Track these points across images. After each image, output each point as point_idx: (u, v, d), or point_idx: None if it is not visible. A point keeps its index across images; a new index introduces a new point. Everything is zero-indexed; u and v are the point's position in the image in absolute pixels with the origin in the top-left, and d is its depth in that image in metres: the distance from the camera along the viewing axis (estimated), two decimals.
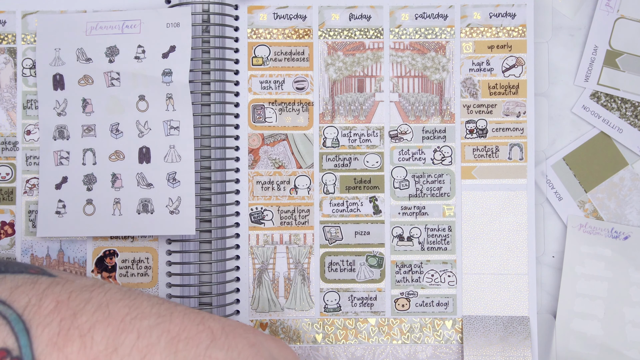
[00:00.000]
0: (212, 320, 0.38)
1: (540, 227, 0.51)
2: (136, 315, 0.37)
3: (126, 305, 0.37)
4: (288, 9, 0.51)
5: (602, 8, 0.51)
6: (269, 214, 0.50)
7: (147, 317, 0.37)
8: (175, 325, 0.37)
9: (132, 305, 0.37)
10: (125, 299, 0.38)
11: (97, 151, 0.49)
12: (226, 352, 0.37)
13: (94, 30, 0.49)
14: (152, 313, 0.37)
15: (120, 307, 0.37)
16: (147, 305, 0.38)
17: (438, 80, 0.51)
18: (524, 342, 0.49)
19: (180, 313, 0.38)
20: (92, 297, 0.37)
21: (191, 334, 0.37)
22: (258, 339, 0.39)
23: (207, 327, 0.38)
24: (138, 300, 0.38)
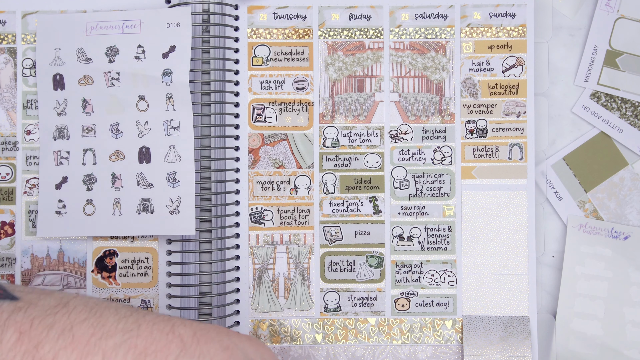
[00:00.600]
0: (182, 327, 0.38)
1: (540, 227, 0.51)
2: (101, 335, 0.36)
3: (91, 325, 0.36)
4: (288, 9, 0.51)
5: (602, 8, 0.51)
6: (269, 214, 0.50)
7: (112, 335, 0.36)
8: (143, 339, 0.36)
9: (98, 324, 0.37)
10: (91, 318, 0.37)
11: (97, 151, 0.49)
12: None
13: (94, 30, 0.49)
14: (118, 329, 0.37)
15: (84, 328, 0.36)
16: (114, 321, 0.37)
17: (438, 80, 0.51)
18: (524, 342, 0.49)
19: (148, 324, 0.37)
20: (55, 322, 0.36)
21: (159, 346, 0.36)
22: (232, 340, 0.39)
23: (177, 335, 0.37)
24: (104, 316, 0.37)
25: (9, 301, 0.37)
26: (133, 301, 0.50)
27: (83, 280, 0.50)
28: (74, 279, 0.50)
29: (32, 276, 0.50)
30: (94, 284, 0.50)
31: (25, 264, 0.50)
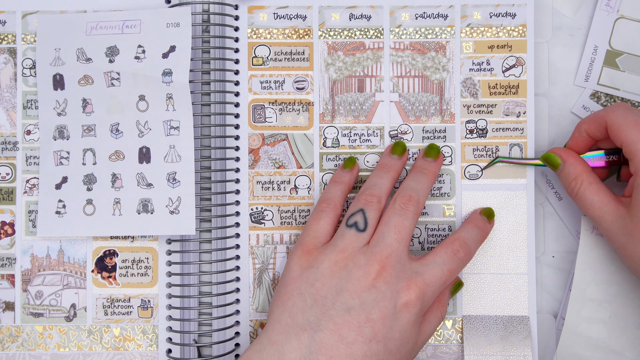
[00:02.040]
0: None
1: (540, 227, 0.51)
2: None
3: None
4: (288, 9, 0.51)
5: (602, 8, 0.51)
6: (269, 214, 0.50)
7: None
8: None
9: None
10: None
11: (97, 151, 0.49)
12: None
13: (94, 30, 0.49)
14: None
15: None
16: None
17: (438, 80, 0.51)
18: (524, 342, 0.49)
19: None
20: None
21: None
22: None
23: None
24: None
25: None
26: (133, 301, 0.50)
27: (83, 280, 0.50)
28: (74, 279, 0.50)
29: (32, 276, 0.50)
30: (94, 284, 0.50)
31: (25, 264, 0.50)
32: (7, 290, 0.50)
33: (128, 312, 0.50)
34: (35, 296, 0.50)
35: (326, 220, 0.46)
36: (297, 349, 0.41)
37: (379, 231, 0.44)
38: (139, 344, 0.50)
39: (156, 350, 0.50)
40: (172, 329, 0.50)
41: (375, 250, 0.43)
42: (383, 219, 0.45)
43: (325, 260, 0.43)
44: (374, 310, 0.41)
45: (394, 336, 0.42)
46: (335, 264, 0.43)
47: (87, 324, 0.50)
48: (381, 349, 0.41)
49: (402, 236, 0.44)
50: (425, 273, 0.43)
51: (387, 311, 0.42)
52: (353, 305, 0.41)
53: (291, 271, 0.44)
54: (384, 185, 0.46)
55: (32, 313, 0.50)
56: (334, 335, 0.41)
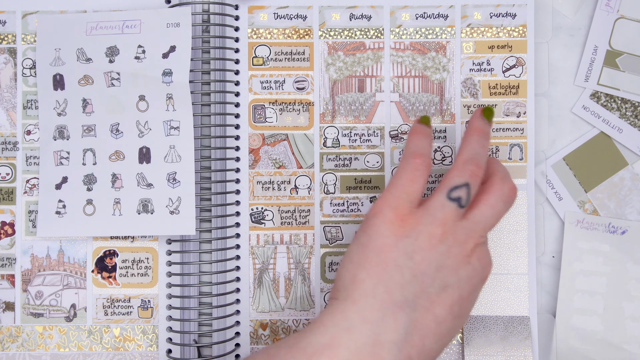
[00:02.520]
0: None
1: (540, 227, 0.51)
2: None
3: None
4: (288, 9, 0.51)
5: (602, 8, 0.51)
6: (270, 214, 0.50)
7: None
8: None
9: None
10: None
11: (97, 151, 0.49)
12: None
13: (94, 30, 0.49)
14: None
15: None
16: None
17: (438, 80, 0.51)
18: (525, 342, 0.49)
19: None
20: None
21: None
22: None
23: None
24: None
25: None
26: (133, 301, 0.50)
27: (83, 280, 0.50)
28: (74, 279, 0.50)
29: (32, 276, 0.50)
30: (94, 284, 0.50)
31: (25, 264, 0.50)
32: (7, 290, 0.50)
33: (128, 312, 0.50)
34: (35, 296, 0.50)
35: (422, 181, 0.42)
36: (395, 330, 0.39)
37: (482, 211, 0.42)
38: (139, 344, 0.50)
39: (156, 350, 0.50)
40: (172, 329, 0.50)
41: (474, 227, 0.41)
42: (488, 199, 0.42)
43: (424, 231, 0.40)
44: (466, 287, 0.41)
45: (470, 309, 0.42)
46: (434, 237, 0.40)
47: (87, 324, 0.50)
48: (461, 324, 0.41)
49: (498, 219, 0.42)
50: (488, 224, 0.42)
51: (475, 287, 0.41)
52: (450, 283, 0.40)
53: (383, 237, 0.40)
54: (485, 154, 0.43)
55: (32, 313, 0.50)
56: (429, 314, 0.39)
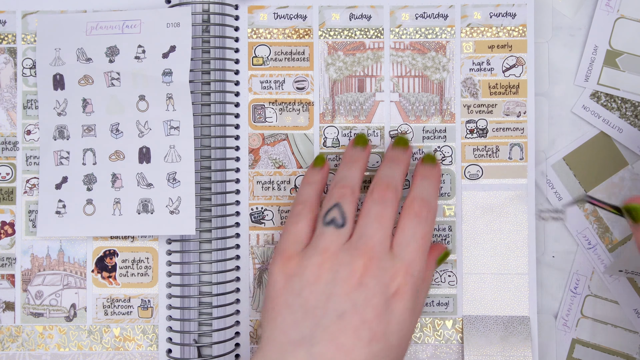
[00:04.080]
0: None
1: (540, 227, 0.51)
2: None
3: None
4: (288, 9, 0.51)
5: (602, 8, 0.51)
6: (270, 214, 0.50)
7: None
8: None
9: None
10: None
11: (97, 151, 0.49)
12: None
13: (94, 30, 0.49)
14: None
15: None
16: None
17: (438, 80, 0.51)
18: (524, 342, 0.49)
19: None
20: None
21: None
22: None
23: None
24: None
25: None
26: (133, 301, 0.50)
27: (83, 280, 0.50)
28: (74, 279, 0.50)
29: (32, 276, 0.50)
30: (94, 284, 0.50)
31: (25, 264, 0.50)
32: (7, 290, 0.50)
33: (128, 312, 0.50)
34: (35, 296, 0.50)
35: (304, 222, 0.44)
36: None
37: (359, 224, 0.42)
38: (139, 344, 0.50)
39: (156, 350, 0.50)
40: (172, 329, 0.50)
41: (358, 244, 0.41)
42: (362, 212, 0.42)
43: (308, 265, 0.41)
44: (367, 310, 0.39)
45: (392, 329, 0.40)
46: (319, 267, 0.41)
47: (87, 324, 0.50)
48: (383, 347, 0.39)
49: (384, 225, 0.41)
50: (404, 254, 0.41)
51: (380, 307, 0.40)
52: (345, 309, 0.39)
53: (275, 282, 0.42)
54: (354, 176, 0.45)
55: (32, 313, 0.50)
56: (331, 345, 0.39)
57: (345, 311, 0.39)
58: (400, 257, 0.41)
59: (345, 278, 0.40)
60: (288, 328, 0.40)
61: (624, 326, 0.51)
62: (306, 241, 0.43)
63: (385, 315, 0.40)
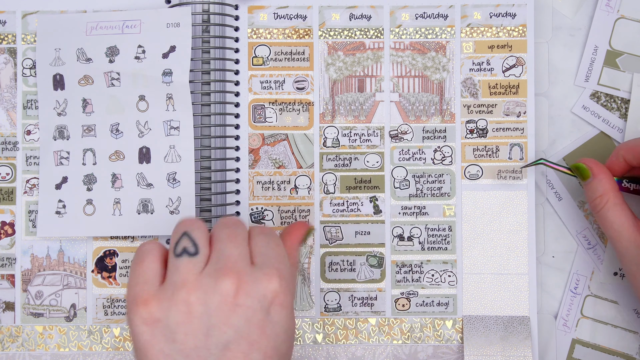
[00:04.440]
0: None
1: (540, 227, 0.51)
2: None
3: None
4: (288, 9, 0.51)
5: (602, 8, 0.51)
6: (270, 214, 0.50)
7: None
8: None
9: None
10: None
11: (97, 151, 0.49)
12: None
13: (94, 30, 0.49)
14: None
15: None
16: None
17: (438, 80, 0.51)
18: (524, 342, 0.49)
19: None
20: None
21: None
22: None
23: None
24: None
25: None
26: None
27: (83, 280, 0.50)
28: (74, 279, 0.50)
29: (32, 276, 0.50)
30: (94, 284, 0.50)
31: (25, 264, 0.50)
32: (7, 290, 0.50)
33: None
34: (35, 296, 0.50)
35: (150, 258, 0.39)
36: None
37: (214, 249, 0.38)
38: None
39: None
40: None
41: (219, 266, 0.37)
42: (213, 238, 0.39)
43: (171, 306, 0.36)
44: (251, 331, 0.36)
45: (281, 339, 0.38)
46: (186, 303, 0.36)
47: (87, 324, 0.50)
48: (278, 356, 0.37)
49: (239, 244, 0.39)
50: (267, 261, 0.39)
51: (263, 323, 0.37)
52: (229, 339, 0.36)
53: (140, 335, 0.36)
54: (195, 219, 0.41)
55: (32, 313, 0.50)
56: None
57: (230, 340, 0.36)
58: (266, 264, 0.38)
59: (219, 305, 0.36)
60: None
61: (624, 326, 0.51)
62: (158, 280, 0.38)
63: (270, 328, 0.37)
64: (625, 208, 0.45)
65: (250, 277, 0.37)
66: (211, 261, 0.38)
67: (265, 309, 0.37)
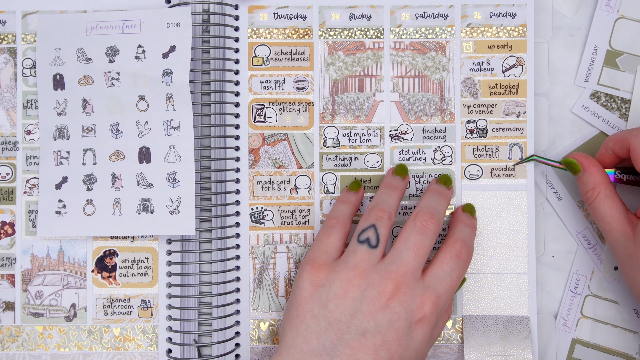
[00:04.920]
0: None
1: (540, 227, 0.51)
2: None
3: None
4: (288, 9, 0.51)
5: (602, 8, 0.51)
6: (270, 214, 0.50)
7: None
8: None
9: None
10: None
11: (97, 151, 0.49)
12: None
13: (94, 30, 0.49)
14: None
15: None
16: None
17: (438, 80, 0.51)
18: (524, 342, 0.49)
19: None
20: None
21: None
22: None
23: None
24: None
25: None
26: (133, 301, 0.50)
27: (83, 280, 0.50)
28: (74, 279, 0.50)
29: (32, 276, 0.50)
30: (94, 284, 0.50)
31: (25, 264, 0.50)
32: (7, 290, 0.50)
33: (128, 312, 0.50)
34: (35, 296, 0.50)
35: (336, 235, 0.45)
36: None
37: (396, 248, 0.43)
38: (139, 344, 0.50)
39: (156, 350, 0.50)
40: (172, 329, 0.50)
41: (390, 268, 0.42)
42: (401, 236, 0.44)
43: (337, 278, 0.42)
44: (389, 332, 0.41)
45: (409, 355, 0.41)
46: (348, 283, 0.42)
47: (87, 324, 0.50)
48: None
49: (419, 254, 0.43)
50: (437, 286, 0.43)
51: (402, 332, 0.41)
52: (368, 328, 0.41)
53: (302, 289, 0.43)
54: (393, 202, 0.46)
55: (32, 313, 0.50)
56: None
57: (368, 330, 0.41)
58: (433, 287, 0.43)
59: (373, 298, 0.41)
60: (311, 337, 0.41)
61: (624, 326, 0.51)
62: (336, 255, 0.44)
63: (406, 340, 0.41)
64: (616, 200, 0.45)
65: (410, 290, 0.42)
66: (387, 258, 0.43)
67: (409, 322, 0.41)
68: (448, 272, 0.43)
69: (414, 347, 0.42)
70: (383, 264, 0.43)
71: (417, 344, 0.42)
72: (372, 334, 0.41)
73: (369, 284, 0.42)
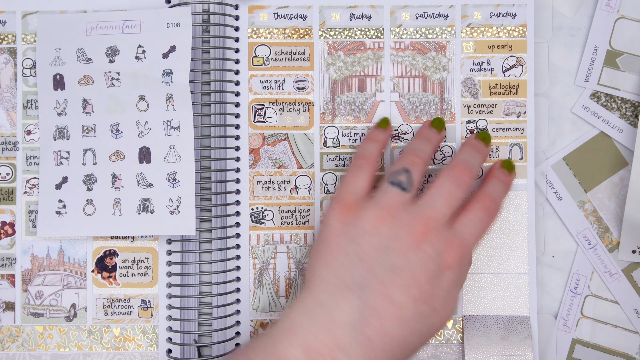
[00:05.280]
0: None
1: (540, 227, 0.51)
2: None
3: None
4: (288, 9, 0.51)
5: (602, 8, 0.51)
6: (270, 214, 0.50)
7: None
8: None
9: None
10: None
11: (97, 151, 0.49)
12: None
13: (94, 30, 0.49)
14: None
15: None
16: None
17: (438, 80, 0.51)
18: (525, 342, 0.49)
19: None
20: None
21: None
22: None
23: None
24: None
25: None
26: (133, 301, 0.50)
27: (83, 280, 0.50)
28: (74, 279, 0.50)
29: (32, 276, 0.50)
30: (94, 284, 0.50)
31: (25, 264, 0.50)
32: (7, 290, 0.50)
33: (128, 312, 0.50)
34: (36, 296, 0.50)
35: (364, 176, 0.45)
36: (347, 310, 0.40)
37: (429, 194, 0.43)
38: (139, 344, 0.50)
39: (156, 350, 0.50)
40: (172, 329, 0.50)
41: (421, 211, 0.42)
42: (435, 183, 0.44)
43: (367, 216, 0.42)
44: (420, 271, 0.41)
45: (439, 295, 0.41)
46: (378, 220, 0.42)
47: (87, 324, 0.50)
48: (428, 309, 0.41)
49: (451, 204, 0.43)
50: (465, 233, 0.43)
51: (432, 272, 0.41)
52: (399, 265, 0.41)
53: (331, 227, 0.43)
54: (427, 150, 0.46)
55: (32, 313, 0.50)
56: (382, 295, 0.40)
57: (399, 267, 0.41)
58: (462, 234, 0.43)
59: (403, 237, 0.41)
60: (342, 271, 0.41)
61: (624, 326, 0.51)
62: (363, 195, 0.44)
63: (436, 280, 0.41)
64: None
65: (440, 234, 0.42)
66: (419, 202, 0.43)
67: (439, 265, 0.41)
68: (477, 222, 0.43)
69: (444, 288, 0.42)
70: (415, 207, 0.42)
71: (446, 286, 0.42)
72: (403, 271, 0.41)
73: (401, 223, 0.42)
